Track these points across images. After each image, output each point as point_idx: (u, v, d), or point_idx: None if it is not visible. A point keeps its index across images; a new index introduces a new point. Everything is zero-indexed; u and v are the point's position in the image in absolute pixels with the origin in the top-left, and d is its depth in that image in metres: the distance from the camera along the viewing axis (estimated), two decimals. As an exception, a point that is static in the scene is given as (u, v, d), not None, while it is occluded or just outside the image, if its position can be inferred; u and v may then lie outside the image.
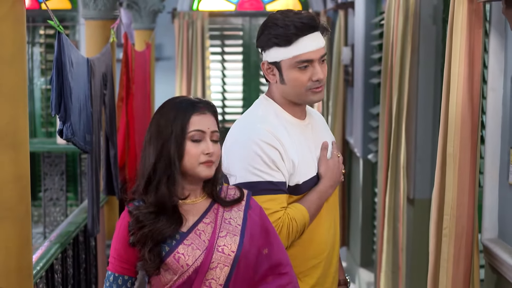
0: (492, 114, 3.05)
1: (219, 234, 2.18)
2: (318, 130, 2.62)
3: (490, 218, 3.09)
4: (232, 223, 2.22)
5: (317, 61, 2.43)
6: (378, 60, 5.65)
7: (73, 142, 3.19)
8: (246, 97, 8.66)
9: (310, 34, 2.41)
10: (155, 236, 2.11)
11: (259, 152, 2.35)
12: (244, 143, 2.39)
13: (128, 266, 2.16)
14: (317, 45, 2.43)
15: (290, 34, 2.38)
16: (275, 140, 2.37)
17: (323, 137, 2.61)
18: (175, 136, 2.15)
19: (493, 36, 3.02)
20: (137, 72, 5.37)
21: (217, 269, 2.16)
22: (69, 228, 3.74)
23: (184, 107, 2.19)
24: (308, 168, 2.48)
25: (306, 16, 2.42)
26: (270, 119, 2.45)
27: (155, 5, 6.73)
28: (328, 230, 2.56)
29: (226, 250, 2.17)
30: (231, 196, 2.27)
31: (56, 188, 8.17)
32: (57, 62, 3.00)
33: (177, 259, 2.13)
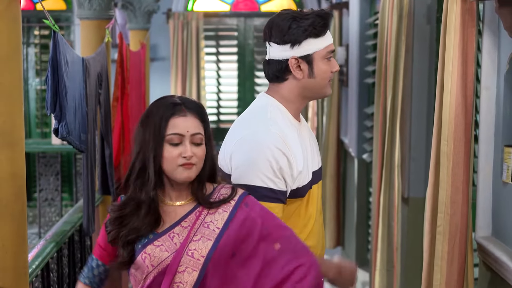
0: (486, 113, 3.07)
1: (192, 238, 2.16)
2: (307, 128, 2.62)
3: (483, 216, 3.11)
4: (210, 227, 2.18)
5: (330, 54, 2.48)
6: (372, 60, 5.66)
7: (68, 141, 3.20)
8: (241, 97, 8.67)
9: (328, 28, 2.49)
10: (129, 234, 2.13)
11: (270, 158, 2.33)
12: (257, 146, 2.37)
13: (105, 256, 2.25)
14: (331, 40, 2.49)
15: (323, 24, 2.42)
16: (286, 147, 2.36)
17: (311, 135, 2.62)
18: (152, 139, 2.15)
19: (486, 35, 3.04)
20: (132, 72, 5.38)
21: (185, 273, 2.14)
22: (65, 228, 3.74)
23: (163, 110, 2.17)
24: (308, 171, 2.47)
25: (325, 12, 2.49)
26: (279, 122, 2.43)
27: (149, 6, 6.74)
28: (318, 238, 2.58)
29: (196, 255, 2.15)
30: (222, 197, 2.23)
31: (51, 189, 8.17)
32: (53, 61, 3.01)
33: (144, 258, 2.13)
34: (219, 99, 8.66)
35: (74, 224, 3.86)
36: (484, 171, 3.09)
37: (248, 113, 2.57)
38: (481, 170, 3.09)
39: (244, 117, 2.57)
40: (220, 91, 8.66)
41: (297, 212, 2.47)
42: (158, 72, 8.33)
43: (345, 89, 6.73)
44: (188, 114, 2.18)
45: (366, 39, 5.88)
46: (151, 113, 2.18)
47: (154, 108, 2.19)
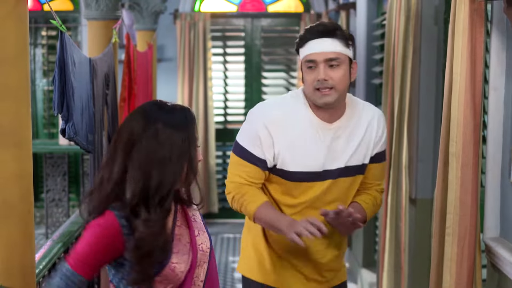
0: (494, 114, 3.06)
1: (194, 235, 2.23)
2: (342, 140, 2.83)
3: (492, 217, 3.10)
4: (197, 220, 2.28)
5: (321, 63, 2.69)
6: (380, 61, 5.65)
7: (75, 142, 3.20)
8: (248, 98, 8.65)
9: (318, 39, 2.70)
10: (155, 251, 2.09)
11: (257, 128, 2.78)
12: (253, 120, 2.85)
13: (92, 271, 2.12)
14: (322, 48, 2.69)
15: (303, 37, 2.74)
16: (273, 123, 2.75)
17: (341, 148, 2.83)
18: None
19: (494, 35, 3.03)
20: (139, 73, 5.38)
21: (199, 267, 2.22)
22: (72, 228, 3.74)
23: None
24: (298, 162, 2.76)
25: (320, 23, 2.77)
26: (286, 106, 2.80)
27: (157, 6, 6.73)
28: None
29: (204, 248, 2.24)
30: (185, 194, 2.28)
31: (59, 189, 8.17)
32: (60, 62, 3.01)
33: (173, 269, 2.14)
34: (226, 99, 8.64)
35: (81, 224, 3.86)
36: (492, 172, 3.08)
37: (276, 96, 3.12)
38: (489, 171, 3.08)
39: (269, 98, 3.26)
40: (227, 92, 8.65)
41: (279, 188, 2.86)
42: (165, 73, 8.33)
43: (352, 89, 6.71)
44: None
45: (373, 40, 5.86)
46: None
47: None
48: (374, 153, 2.98)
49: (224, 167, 8.67)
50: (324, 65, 2.70)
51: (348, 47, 2.75)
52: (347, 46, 2.74)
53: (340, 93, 2.75)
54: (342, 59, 2.73)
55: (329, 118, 2.81)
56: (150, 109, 2.15)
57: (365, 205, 2.96)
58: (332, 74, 2.70)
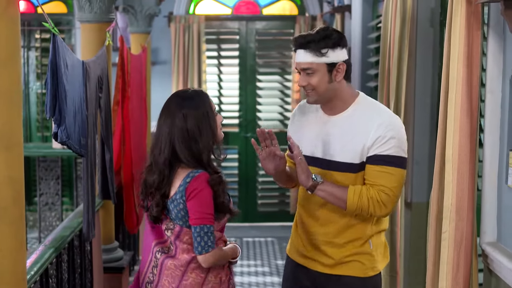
0: (491, 117, 3.03)
1: None
2: (337, 133, 3.05)
3: (489, 221, 3.07)
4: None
5: (301, 71, 3.03)
6: (375, 64, 5.63)
7: (68, 145, 3.16)
8: (243, 101, 8.62)
9: (298, 50, 3.03)
10: (225, 191, 2.95)
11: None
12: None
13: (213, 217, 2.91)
14: (298, 59, 3.03)
15: (293, 44, 3.07)
16: (295, 112, 3.30)
17: (334, 140, 3.06)
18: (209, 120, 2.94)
19: (491, 38, 3.00)
20: (133, 76, 5.34)
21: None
22: (64, 233, 3.70)
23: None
24: (301, 145, 3.05)
25: (300, 36, 3.04)
26: (302, 104, 3.27)
27: (151, 9, 6.69)
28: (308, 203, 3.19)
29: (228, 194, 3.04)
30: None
31: (52, 193, 8.13)
32: (52, 65, 2.97)
33: (231, 201, 3.02)
34: (220, 103, 8.61)
35: (74, 229, 3.82)
36: (489, 176, 3.05)
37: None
38: (486, 175, 3.05)
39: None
40: (221, 95, 8.62)
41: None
42: (160, 76, 8.29)
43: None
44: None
45: (368, 43, 5.84)
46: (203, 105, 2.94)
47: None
48: (369, 154, 2.98)
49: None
50: (303, 73, 3.04)
51: (322, 55, 2.98)
52: (320, 56, 2.98)
53: (320, 93, 3.03)
54: (314, 68, 2.99)
55: (329, 111, 3.11)
56: (175, 101, 2.93)
57: (351, 188, 3.00)
58: (309, 80, 3.02)
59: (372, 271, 3.13)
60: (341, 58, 3.00)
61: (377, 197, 2.95)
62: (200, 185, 2.85)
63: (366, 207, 2.97)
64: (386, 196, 2.95)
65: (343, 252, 3.11)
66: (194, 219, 2.85)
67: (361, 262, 3.11)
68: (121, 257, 4.90)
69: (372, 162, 2.97)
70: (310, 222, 3.19)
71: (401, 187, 3.03)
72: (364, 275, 3.12)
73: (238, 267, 7.00)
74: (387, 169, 2.95)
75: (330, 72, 3.00)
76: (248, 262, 7.20)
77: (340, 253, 3.12)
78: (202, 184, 2.85)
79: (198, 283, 2.92)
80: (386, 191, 2.95)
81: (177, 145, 2.89)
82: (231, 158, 8.72)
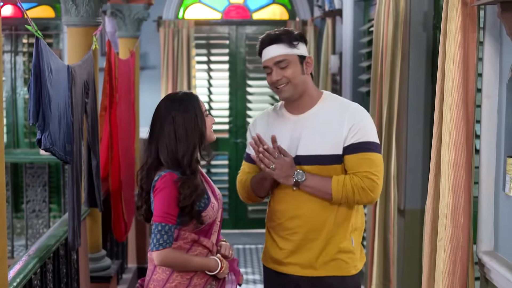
0: (487, 122, 2.96)
1: (214, 187, 3.09)
2: (309, 129, 3.11)
3: (485, 229, 3.00)
4: (208, 178, 3.12)
5: (273, 66, 3.11)
6: (367, 68, 5.56)
7: (52, 152, 3.07)
8: (233, 106, 8.54)
9: (268, 47, 3.13)
10: (200, 196, 2.91)
11: (247, 132, 3.40)
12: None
13: (175, 218, 2.88)
14: (270, 54, 3.12)
15: (258, 48, 3.21)
16: (254, 125, 3.32)
17: (307, 136, 3.12)
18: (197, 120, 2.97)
19: (487, 41, 2.93)
20: (120, 81, 5.25)
21: (219, 211, 3.05)
22: (49, 242, 3.59)
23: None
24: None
25: (267, 33, 3.17)
26: (268, 110, 3.35)
27: (139, 13, 6.60)
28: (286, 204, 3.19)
29: (220, 197, 3.09)
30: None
31: (39, 200, 8.02)
32: (35, 69, 2.89)
33: (212, 206, 2.97)
34: (210, 108, 8.52)
35: (59, 238, 3.72)
36: (485, 183, 2.98)
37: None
38: (483, 182, 2.98)
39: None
40: (211, 100, 8.53)
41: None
42: (149, 81, 8.20)
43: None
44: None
45: (360, 47, 5.77)
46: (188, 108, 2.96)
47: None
48: (346, 144, 3.07)
49: (209, 177, 8.52)
50: (276, 67, 3.11)
51: (294, 47, 3.11)
52: (292, 47, 3.10)
53: (296, 85, 3.11)
54: (289, 59, 3.10)
55: (297, 111, 3.19)
56: (165, 104, 2.98)
57: (334, 178, 3.06)
58: (283, 73, 3.10)
59: (354, 269, 3.17)
60: (307, 53, 3.18)
61: (361, 183, 3.03)
62: (163, 184, 2.88)
63: (352, 194, 3.04)
64: (370, 180, 3.03)
65: (325, 250, 3.12)
66: (154, 216, 2.90)
67: (344, 261, 3.14)
68: (109, 266, 4.80)
69: (351, 152, 3.07)
70: (288, 223, 3.17)
71: (383, 171, 3.13)
72: (347, 274, 3.15)
73: (229, 274, 6.89)
74: (365, 155, 3.05)
75: (301, 64, 3.13)
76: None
77: (322, 251, 3.12)
78: (166, 183, 2.88)
79: (162, 279, 2.99)
80: (369, 175, 3.03)
81: (160, 146, 2.93)
82: (221, 164, 8.63)
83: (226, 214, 8.55)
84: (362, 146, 3.06)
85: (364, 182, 3.03)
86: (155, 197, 2.90)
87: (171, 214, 2.86)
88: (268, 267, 3.28)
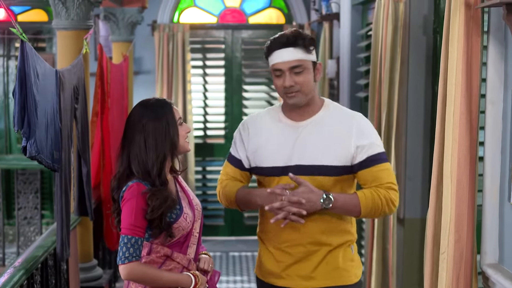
0: (492, 129, 2.85)
1: (191, 197, 2.92)
2: (312, 137, 2.96)
3: (490, 241, 2.88)
4: (188, 190, 2.95)
5: (287, 71, 2.91)
6: (365, 73, 5.45)
7: (38, 160, 2.95)
8: (229, 111, 8.43)
9: (282, 49, 2.93)
10: (171, 207, 2.75)
11: (235, 132, 3.16)
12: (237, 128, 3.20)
13: (143, 230, 2.72)
14: (285, 58, 2.92)
15: (269, 47, 2.98)
16: (245, 128, 3.11)
17: (311, 144, 2.95)
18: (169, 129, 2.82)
19: (492, 45, 2.82)
20: (113, 86, 5.13)
21: (196, 222, 2.89)
22: (37, 253, 3.48)
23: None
24: (267, 158, 3.00)
25: (282, 34, 2.96)
26: (261, 113, 3.16)
27: (133, 17, 6.51)
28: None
29: (198, 208, 2.92)
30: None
31: (30, 207, 7.89)
32: (20, 73, 2.79)
33: (185, 218, 2.80)
34: (206, 113, 8.41)
35: (47, 248, 3.60)
36: (490, 193, 2.86)
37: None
38: (487, 191, 2.86)
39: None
40: (207, 105, 8.42)
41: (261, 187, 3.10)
42: (143, 86, 8.08)
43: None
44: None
45: (358, 52, 5.67)
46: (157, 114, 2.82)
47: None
48: (359, 159, 2.94)
49: (204, 182, 8.43)
50: (289, 72, 2.92)
51: (310, 52, 2.94)
52: (308, 52, 2.93)
53: (306, 94, 2.95)
54: (304, 65, 2.92)
55: (299, 117, 3.02)
56: (136, 111, 2.84)
57: (360, 194, 2.93)
58: (297, 79, 2.92)
59: (355, 277, 3.05)
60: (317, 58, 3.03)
61: (389, 195, 2.92)
62: (129, 195, 2.73)
63: (380, 207, 2.92)
64: (394, 191, 2.95)
65: (325, 259, 2.98)
66: (121, 228, 2.75)
67: (345, 270, 3.01)
68: (100, 276, 4.68)
69: (367, 166, 2.94)
70: (286, 235, 3.00)
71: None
72: (349, 283, 3.03)
73: (224, 282, 6.79)
74: (381, 166, 2.95)
75: (313, 71, 2.98)
76: (234, 278, 6.99)
77: (322, 261, 2.98)
78: (131, 194, 2.72)
79: None
80: (392, 186, 2.95)
81: (131, 155, 2.79)
82: (217, 170, 8.51)
83: (221, 221, 8.44)
84: (376, 158, 2.94)
85: (390, 193, 2.92)
86: (122, 208, 2.74)
87: (138, 226, 2.70)
88: (264, 281, 3.11)
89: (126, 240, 2.68)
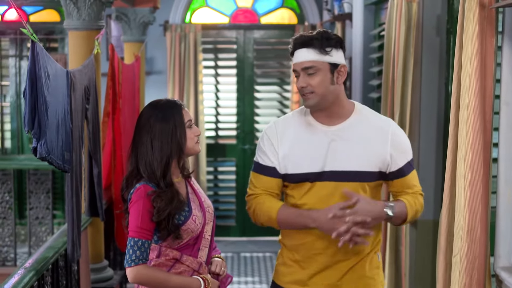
0: (506, 130, 2.83)
1: (203, 199, 2.88)
2: (345, 142, 2.87)
3: (504, 244, 2.86)
4: (201, 192, 2.93)
5: (301, 71, 2.86)
6: (377, 74, 5.42)
7: (48, 161, 2.95)
8: (240, 112, 8.41)
9: (299, 50, 2.87)
10: (178, 209, 2.72)
11: (259, 141, 3.01)
12: (260, 135, 3.04)
13: (150, 233, 2.70)
14: (299, 58, 2.87)
15: (291, 48, 2.92)
16: (273, 133, 2.96)
17: (343, 150, 2.86)
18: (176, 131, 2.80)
19: (506, 46, 2.79)
20: (124, 86, 5.12)
21: (207, 225, 2.85)
22: (47, 254, 3.46)
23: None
24: (299, 164, 2.88)
25: (301, 35, 2.90)
26: (288, 117, 3.03)
27: (145, 17, 6.49)
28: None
29: (210, 210, 2.89)
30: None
31: (42, 207, 7.89)
32: (31, 74, 2.78)
33: (194, 220, 2.77)
34: (217, 114, 8.39)
35: (58, 249, 3.59)
36: (504, 195, 2.84)
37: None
38: (501, 193, 2.84)
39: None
40: (218, 106, 8.41)
41: (290, 193, 2.96)
42: (155, 86, 8.08)
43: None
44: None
45: (370, 52, 5.64)
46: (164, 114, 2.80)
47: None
48: (396, 167, 2.89)
49: (216, 183, 8.42)
50: (303, 73, 2.87)
51: (326, 54, 2.85)
52: (324, 53, 2.85)
53: (320, 96, 2.86)
54: (318, 67, 2.84)
55: (329, 121, 2.92)
56: (146, 112, 2.84)
57: (406, 202, 2.90)
58: (310, 81, 2.85)
59: (381, 285, 2.96)
60: (342, 60, 2.90)
61: (420, 201, 2.93)
62: (136, 197, 2.72)
63: (417, 214, 2.92)
64: (422, 196, 2.96)
65: (354, 267, 2.88)
66: (129, 230, 2.74)
67: (372, 278, 2.92)
68: (111, 277, 4.67)
69: (404, 174, 2.92)
70: (316, 242, 2.87)
71: None
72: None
73: (235, 284, 6.77)
74: (414, 172, 2.96)
75: (332, 73, 2.87)
76: (246, 279, 6.97)
77: (350, 269, 2.88)
78: (138, 197, 2.71)
79: None
80: (420, 191, 2.96)
81: (139, 156, 2.78)
82: (229, 171, 8.50)
83: (233, 221, 8.42)
84: (410, 166, 2.93)
85: (421, 199, 2.93)
86: (129, 210, 2.73)
87: (145, 229, 2.68)
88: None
89: (133, 242, 2.66)
